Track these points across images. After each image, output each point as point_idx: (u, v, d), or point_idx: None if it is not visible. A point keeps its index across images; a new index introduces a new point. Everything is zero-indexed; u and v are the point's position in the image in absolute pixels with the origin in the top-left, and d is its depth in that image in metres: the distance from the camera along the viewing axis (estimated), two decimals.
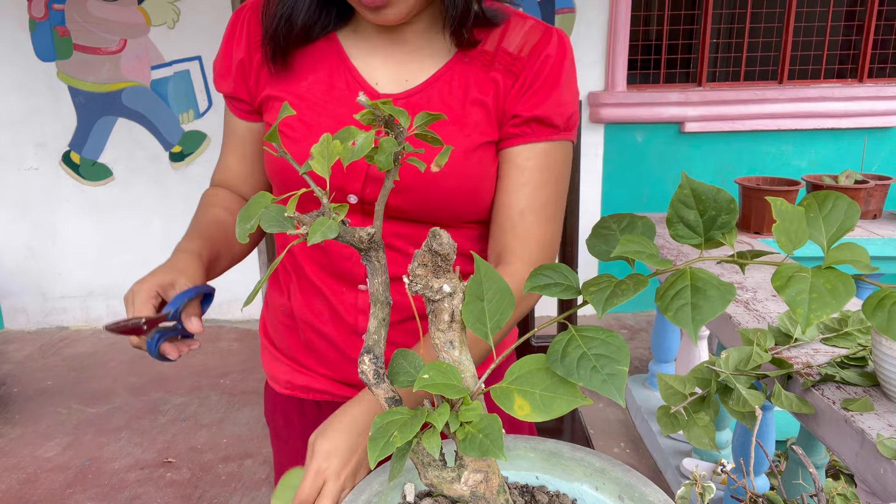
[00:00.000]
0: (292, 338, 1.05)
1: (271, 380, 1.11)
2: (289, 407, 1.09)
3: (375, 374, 0.60)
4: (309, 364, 1.04)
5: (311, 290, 0.99)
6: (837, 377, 1.01)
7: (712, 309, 0.48)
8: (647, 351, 3.47)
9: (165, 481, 2.49)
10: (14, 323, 3.93)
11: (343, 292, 0.96)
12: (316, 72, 0.89)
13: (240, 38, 0.92)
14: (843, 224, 0.52)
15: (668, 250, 1.93)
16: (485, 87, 0.87)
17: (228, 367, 3.38)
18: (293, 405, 1.08)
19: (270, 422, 1.14)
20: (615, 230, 0.61)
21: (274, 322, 1.08)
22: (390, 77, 0.89)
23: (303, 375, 1.05)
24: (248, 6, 0.93)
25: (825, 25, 3.77)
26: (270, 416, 1.14)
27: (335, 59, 0.89)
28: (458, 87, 0.87)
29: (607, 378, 0.50)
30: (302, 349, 1.04)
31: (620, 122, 3.72)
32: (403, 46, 0.89)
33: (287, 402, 1.09)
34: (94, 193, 3.78)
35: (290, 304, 1.03)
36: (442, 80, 0.88)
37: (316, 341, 1.01)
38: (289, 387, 1.07)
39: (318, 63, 0.89)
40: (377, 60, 0.89)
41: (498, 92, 0.87)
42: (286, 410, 1.09)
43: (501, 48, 0.88)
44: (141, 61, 3.60)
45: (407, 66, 0.89)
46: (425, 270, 0.57)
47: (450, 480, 0.58)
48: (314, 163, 0.57)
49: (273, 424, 1.14)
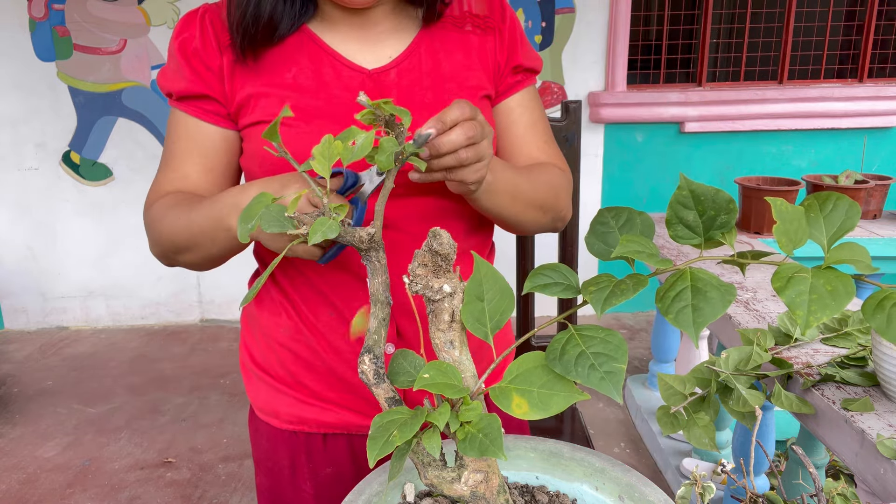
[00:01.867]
0: (299, 364, 0.95)
1: (267, 414, 0.99)
2: (295, 444, 0.98)
3: (375, 374, 0.60)
4: (321, 392, 0.95)
5: (316, 301, 0.92)
6: (837, 377, 1.01)
7: (713, 311, 0.48)
8: (647, 351, 3.47)
9: (165, 481, 2.49)
10: (14, 323, 3.93)
11: (352, 298, 0.91)
12: (297, 62, 0.88)
13: (207, 40, 0.88)
14: (843, 224, 0.52)
15: (668, 250, 1.93)
16: (466, 45, 0.93)
17: (228, 367, 3.38)
18: (300, 441, 0.98)
19: (266, 461, 1.02)
20: (614, 227, 0.61)
21: (269, 345, 0.97)
22: (371, 56, 0.90)
23: (314, 408, 0.96)
24: (202, 10, 0.90)
25: (825, 25, 3.77)
26: (268, 454, 1.01)
27: (313, 47, 0.89)
28: (440, 49, 0.91)
29: (605, 376, 0.50)
30: (310, 374, 0.95)
31: (620, 122, 3.72)
32: (374, 27, 0.90)
33: (292, 439, 0.98)
34: (94, 193, 3.77)
35: (291, 321, 0.94)
36: (423, 44, 0.91)
37: (329, 360, 0.93)
38: (296, 421, 0.97)
39: (296, 54, 0.89)
40: (354, 44, 0.90)
41: (483, 49, 0.93)
42: (292, 448, 0.99)
43: (466, 11, 0.95)
44: (141, 61, 3.60)
45: (383, 43, 0.91)
46: (425, 270, 0.57)
47: (450, 480, 0.58)
48: (315, 163, 0.57)
49: (269, 465, 1.02)
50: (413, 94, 0.88)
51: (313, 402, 0.96)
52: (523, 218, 0.90)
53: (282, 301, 0.95)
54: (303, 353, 0.94)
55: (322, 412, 0.96)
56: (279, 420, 0.98)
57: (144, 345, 3.68)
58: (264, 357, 0.98)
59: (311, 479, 0.99)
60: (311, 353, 0.94)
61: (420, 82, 0.89)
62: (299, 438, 0.98)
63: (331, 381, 0.94)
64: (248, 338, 1.02)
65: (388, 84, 0.88)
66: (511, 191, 0.85)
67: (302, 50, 0.89)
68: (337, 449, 0.98)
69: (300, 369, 0.95)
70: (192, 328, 3.88)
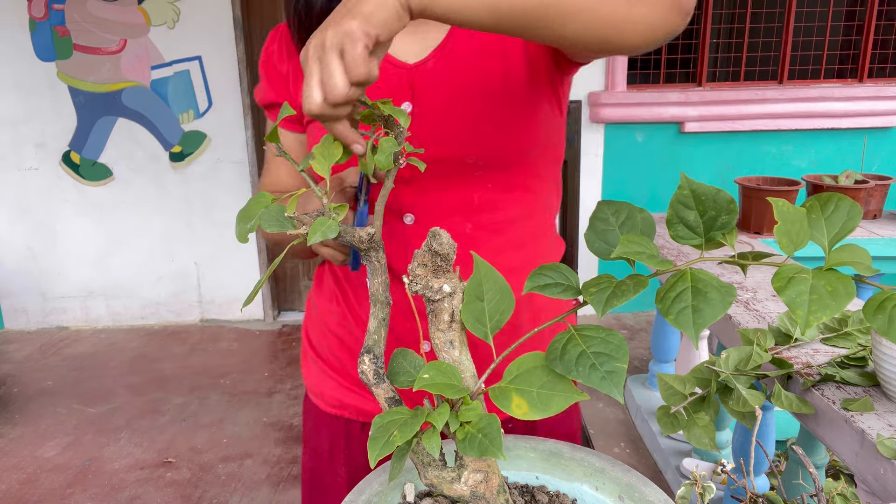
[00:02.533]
0: (343, 350, 0.98)
1: (315, 395, 1.03)
2: (336, 428, 1.02)
3: (375, 374, 0.60)
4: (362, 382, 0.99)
5: (364, 292, 0.94)
6: (837, 377, 1.01)
7: (713, 312, 0.48)
8: (647, 351, 3.47)
9: (165, 481, 2.49)
10: (14, 323, 3.93)
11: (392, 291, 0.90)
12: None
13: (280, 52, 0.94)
14: (844, 225, 0.52)
15: (668, 250, 1.93)
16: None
17: (228, 367, 3.38)
18: (340, 426, 1.01)
19: (311, 440, 1.06)
20: (614, 225, 0.60)
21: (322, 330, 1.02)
22: (407, 49, 0.90)
23: (354, 395, 0.99)
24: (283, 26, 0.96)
25: (825, 25, 3.77)
26: (312, 434, 1.05)
27: None
28: (474, 35, 0.89)
29: (606, 375, 0.50)
30: (353, 361, 0.97)
31: (620, 122, 3.72)
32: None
33: (333, 423, 1.02)
34: (94, 193, 3.78)
35: (340, 308, 0.97)
36: (457, 33, 0.89)
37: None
38: (337, 405, 1.00)
39: None
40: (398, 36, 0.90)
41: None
42: (333, 431, 1.02)
43: None
44: (141, 61, 3.60)
45: (415, 36, 0.90)
46: (425, 270, 0.57)
47: (450, 480, 0.58)
48: (314, 162, 0.57)
49: (313, 444, 1.06)
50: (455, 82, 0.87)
51: (355, 389, 0.99)
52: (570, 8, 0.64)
53: (334, 289, 0.99)
54: (348, 340, 0.98)
55: (362, 400, 0.99)
56: (324, 403, 1.02)
57: (144, 345, 3.68)
58: (318, 340, 1.03)
59: (347, 465, 1.02)
60: (355, 342, 0.97)
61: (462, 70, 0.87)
62: (340, 423, 1.01)
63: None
64: (308, 321, 1.07)
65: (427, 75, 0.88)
66: None
67: None
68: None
69: (345, 356, 0.99)
70: (192, 328, 3.88)
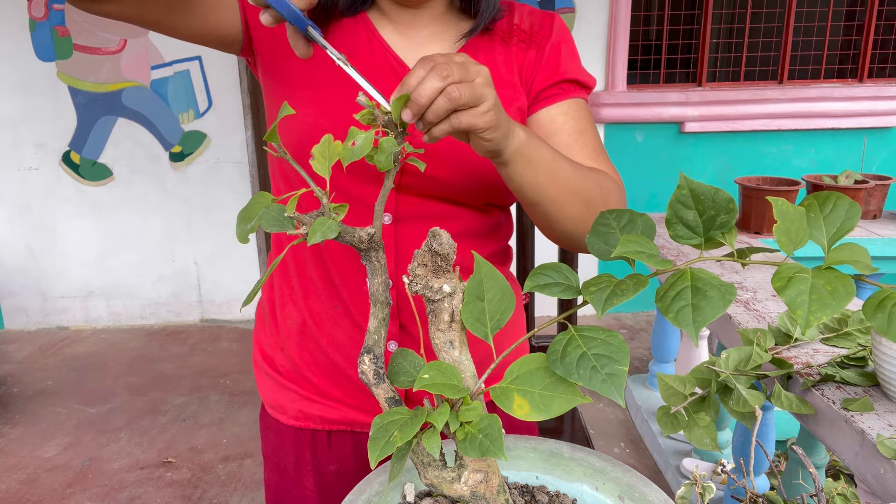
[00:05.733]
0: (302, 357, 0.96)
1: (273, 409, 1.01)
2: (301, 440, 0.99)
3: (375, 374, 0.60)
4: (325, 388, 0.95)
5: (325, 292, 0.92)
6: (837, 377, 1.01)
7: (713, 310, 0.48)
8: (647, 351, 3.47)
9: (165, 481, 2.49)
10: (14, 323, 3.93)
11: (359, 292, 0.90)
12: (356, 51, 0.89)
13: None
14: (843, 224, 0.52)
15: (668, 250, 1.93)
16: (507, 58, 0.92)
17: (228, 367, 3.38)
18: (306, 437, 0.99)
19: (273, 456, 1.03)
20: (615, 228, 0.60)
21: (278, 343, 0.99)
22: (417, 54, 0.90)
23: (316, 404, 0.96)
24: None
25: (825, 25, 3.77)
26: (275, 449, 1.02)
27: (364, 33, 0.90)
28: (484, 62, 0.89)
29: (607, 378, 0.50)
30: (314, 369, 0.95)
31: (620, 122, 3.72)
32: (422, 30, 0.91)
33: (299, 435, 0.99)
34: (94, 193, 3.78)
35: (297, 312, 0.95)
36: (469, 52, 0.90)
37: (332, 355, 0.93)
38: (301, 417, 0.97)
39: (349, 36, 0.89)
40: (402, 41, 0.91)
41: (523, 63, 0.92)
42: (298, 444, 0.99)
43: (516, 24, 0.94)
44: (141, 61, 3.60)
45: (427, 45, 0.91)
46: (425, 270, 0.57)
47: (450, 480, 0.58)
48: (314, 162, 0.57)
49: (275, 460, 1.03)
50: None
51: (318, 398, 0.96)
52: (566, 207, 0.80)
53: (290, 292, 0.96)
54: (308, 346, 0.95)
55: (326, 409, 0.96)
56: (286, 416, 0.99)
57: (144, 345, 3.68)
58: (272, 352, 1.00)
59: (315, 476, 0.99)
60: (316, 347, 0.94)
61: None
62: (305, 435, 0.99)
63: (335, 377, 0.94)
64: (260, 332, 1.03)
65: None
66: (550, 166, 0.77)
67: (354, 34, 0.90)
68: (341, 446, 0.98)
69: (305, 364, 0.96)
70: (192, 328, 3.88)
